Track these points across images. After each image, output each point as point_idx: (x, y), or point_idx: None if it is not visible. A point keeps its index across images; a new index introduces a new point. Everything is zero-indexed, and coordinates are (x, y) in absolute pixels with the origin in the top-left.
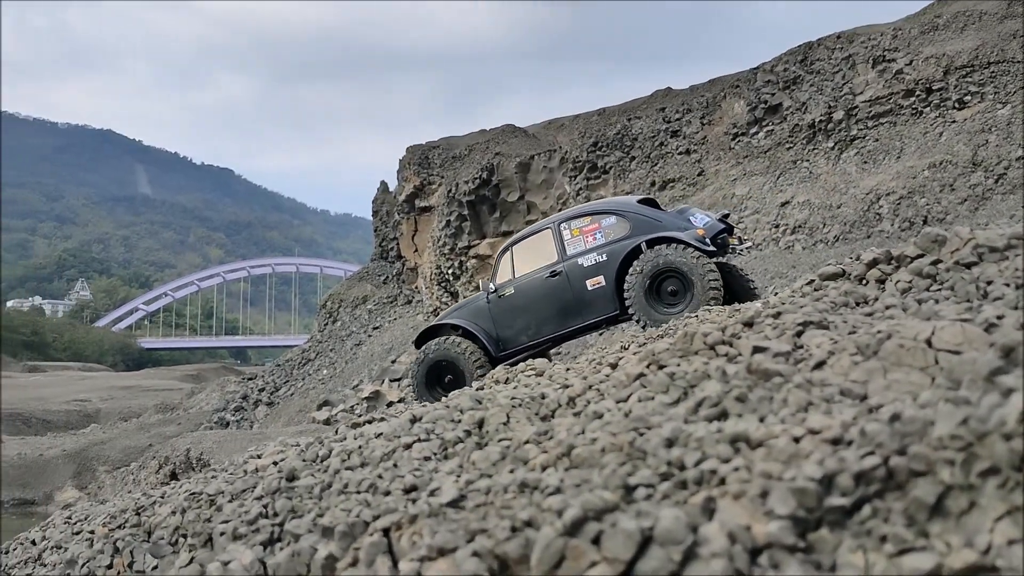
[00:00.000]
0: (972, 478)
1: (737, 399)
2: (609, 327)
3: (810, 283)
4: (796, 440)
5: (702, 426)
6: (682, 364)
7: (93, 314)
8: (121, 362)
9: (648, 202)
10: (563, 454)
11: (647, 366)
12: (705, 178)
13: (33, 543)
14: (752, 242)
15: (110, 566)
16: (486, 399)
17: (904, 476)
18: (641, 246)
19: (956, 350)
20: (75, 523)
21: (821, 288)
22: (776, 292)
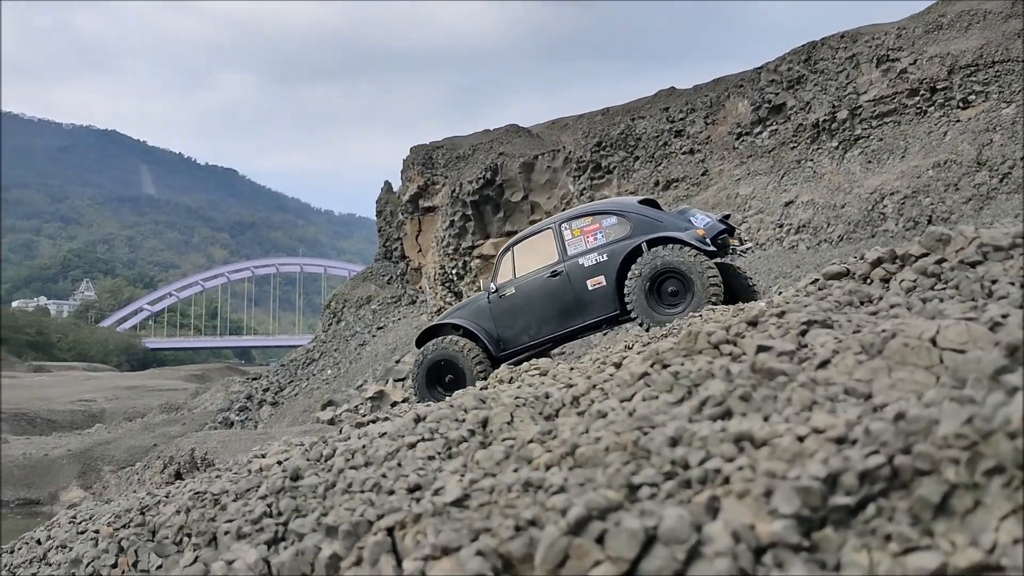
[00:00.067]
0: (977, 477)
1: (741, 398)
2: (610, 328)
3: (814, 282)
4: (800, 439)
5: (706, 425)
6: (686, 363)
7: (98, 314)
8: (126, 362)
9: (649, 203)
10: (567, 453)
11: (651, 365)
12: (709, 178)
13: (38, 542)
14: (756, 242)
15: (115, 565)
16: (490, 398)
17: (909, 475)
18: (642, 246)
19: (961, 349)
20: (80, 523)
21: (825, 287)
22: (780, 291)
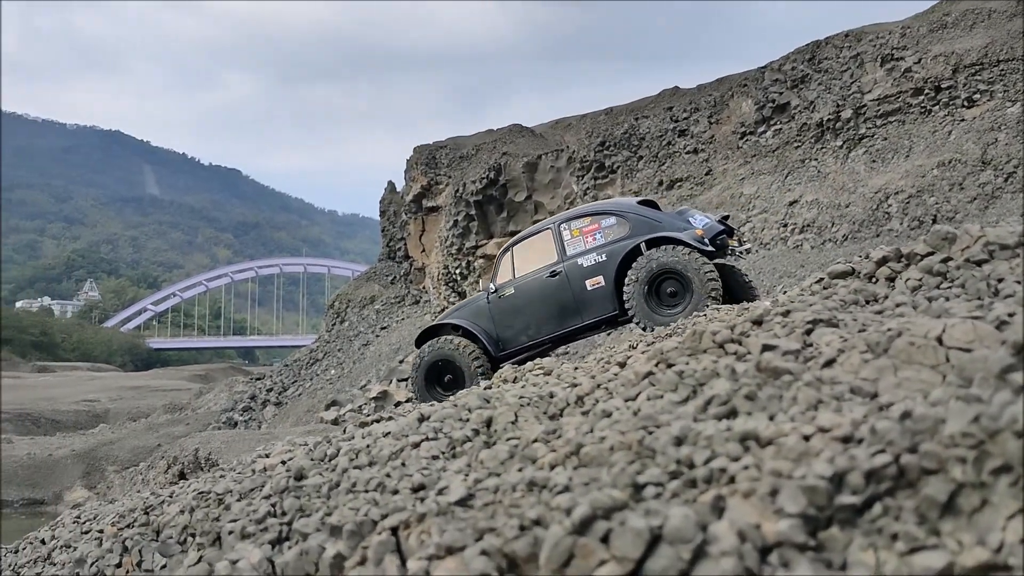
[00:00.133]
0: (984, 476)
1: (746, 397)
2: (609, 330)
3: (819, 281)
4: (806, 438)
5: (711, 424)
6: (691, 362)
7: (102, 314)
8: (130, 362)
9: (648, 204)
10: (572, 453)
11: (656, 365)
12: (713, 177)
13: (43, 542)
14: (760, 241)
15: (119, 565)
16: (494, 398)
17: (915, 474)
18: (641, 246)
19: (967, 348)
20: (84, 522)
21: (830, 286)
22: (785, 291)
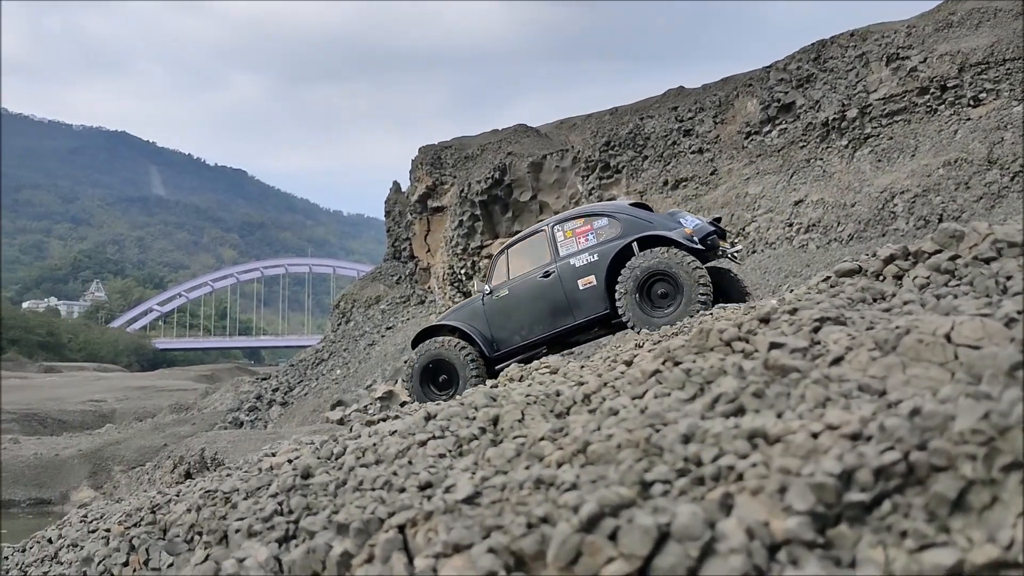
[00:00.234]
0: (994, 473)
1: (754, 395)
2: (602, 332)
3: (826, 279)
4: (814, 436)
5: (719, 422)
6: (698, 360)
7: (108, 315)
8: (136, 362)
9: (641, 206)
10: (579, 450)
11: (663, 363)
12: (718, 177)
13: (50, 541)
14: (766, 241)
15: (126, 564)
16: (501, 396)
17: (925, 471)
18: (633, 247)
19: (976, 345)
20: (91, 521)
21: (837, 284)
22: (791, 290)
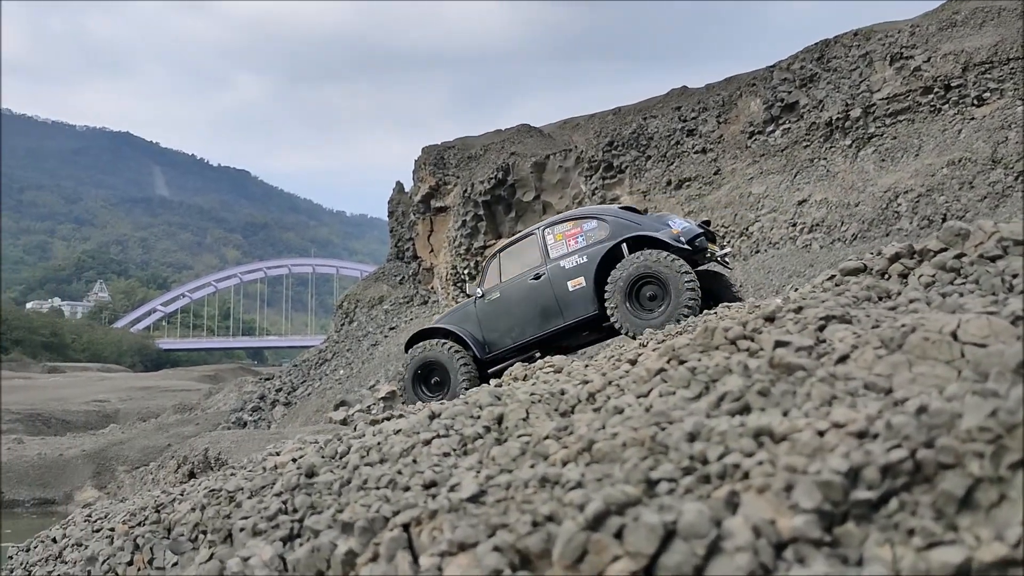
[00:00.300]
0: (1002, 470)
1: (760, 393)
2: (592, 337)
3: (831, 278)
4: (820, 434)
5: (724, 420)
6: (703, 359)
7: (112, 315)
8: (139, 363)
9: (630, 210)
10: (584, 449)
11: (667, 361)
12: (721, 177)
13: (54, 541)
14: (769, 241)
15: (130, 563)
16: (505, 395)
17: (932, 469)
18: (623, 248)
19: (982, 343)
20: (95, 521)
21: (842, 283)
22: (796, 289)
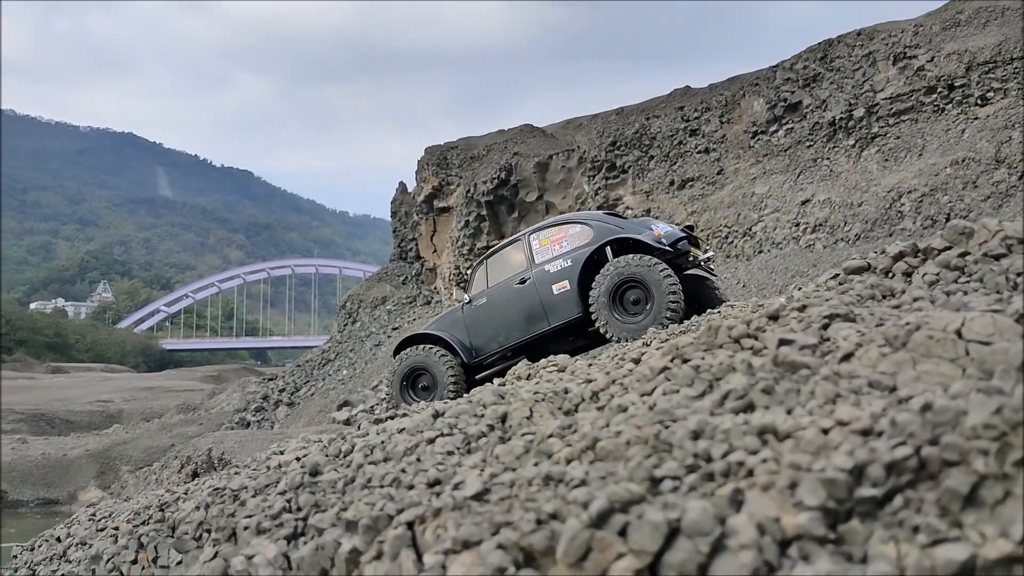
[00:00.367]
0: (1006, 467)
1: (763, 391)
2: (579, 343)
3: (835, 277)
4: (825, 431)
5: (728, 418)
6: (707, 357)
7: (115, 316)
8: (143, 363)
9: (613, 215)
10: (588, 447)
11: (671, 360)
12: (724, 177)
13: (58, 540)
14: (772, 241)
15: (135, 561)
16: (509, 394)
17: (937, 466)
18: (607, 252)
19: (987, 341)
20: (99, 520)
21: (846, 282)
22: (800, 288)
